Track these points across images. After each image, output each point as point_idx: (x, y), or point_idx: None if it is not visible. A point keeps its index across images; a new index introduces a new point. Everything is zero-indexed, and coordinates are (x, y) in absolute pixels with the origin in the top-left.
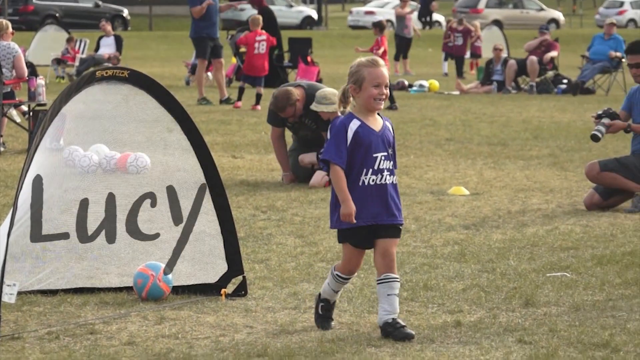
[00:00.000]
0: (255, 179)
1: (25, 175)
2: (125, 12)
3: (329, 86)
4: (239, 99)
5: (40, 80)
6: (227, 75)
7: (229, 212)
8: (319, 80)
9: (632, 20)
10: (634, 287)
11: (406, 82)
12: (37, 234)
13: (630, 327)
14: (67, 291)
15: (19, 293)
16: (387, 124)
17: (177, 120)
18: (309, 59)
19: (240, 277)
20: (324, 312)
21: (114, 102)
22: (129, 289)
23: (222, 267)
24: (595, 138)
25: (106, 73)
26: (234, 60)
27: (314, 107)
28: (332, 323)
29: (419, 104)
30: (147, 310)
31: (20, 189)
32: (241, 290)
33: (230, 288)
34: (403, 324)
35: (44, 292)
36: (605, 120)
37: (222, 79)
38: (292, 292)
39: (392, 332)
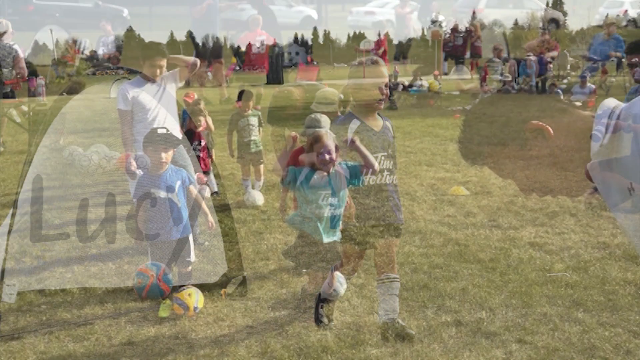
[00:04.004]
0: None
1: (25, 176)
2: (125, 12)
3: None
4: (239, 99)
5: (40, 80)
6: (227, 75)
7: (228, 212)
8: (319, 80)
9: (632, 20)
10: (634, 287)
11: (406, 82)
12: (37, 234)
13: (630, 327)
14: (67, 291)
15: (19, 293)
16: (387, 124)
17: (177, 119)
18: (309, 59)
19: (240, 277)
20: (324, 312)
21: (113, 102)
22: (129, 289)
23: (222, 267)
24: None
25: (106, 73)
26: (234, 60)
27: (314, 107)
28: (332, 323)
29: (419, 104)
30: (147, 310)
31: (21, 189)
32: (241, 290)
33: (230, 288)
34: (403, 323)
35: (44, 292)
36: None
37: (222, 79)
38: (292, 292)
39: (392, 332)
